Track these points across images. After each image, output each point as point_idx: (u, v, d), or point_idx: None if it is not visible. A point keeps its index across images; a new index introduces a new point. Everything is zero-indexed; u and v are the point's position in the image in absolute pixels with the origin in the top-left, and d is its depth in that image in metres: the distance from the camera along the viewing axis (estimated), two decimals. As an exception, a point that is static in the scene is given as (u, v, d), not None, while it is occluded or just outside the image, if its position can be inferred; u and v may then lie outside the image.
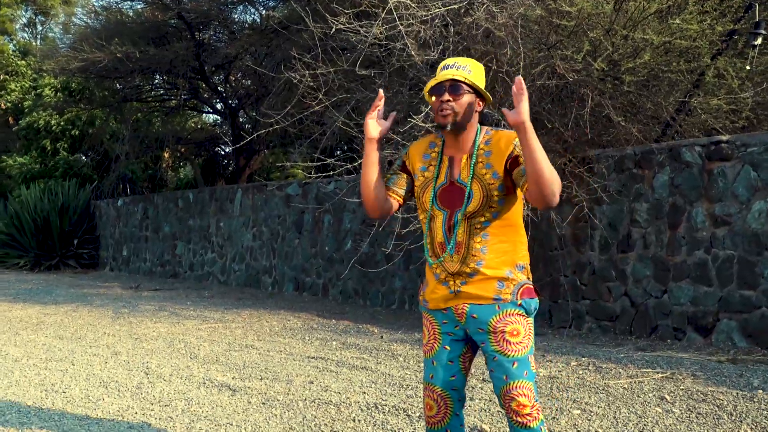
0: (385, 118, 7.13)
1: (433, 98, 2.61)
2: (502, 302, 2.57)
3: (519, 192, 2.62)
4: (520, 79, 2.44)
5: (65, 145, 19.01)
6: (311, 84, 7.87)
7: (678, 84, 7.13)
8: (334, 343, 6.95)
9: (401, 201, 2.75)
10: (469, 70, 2.60)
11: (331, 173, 7.93)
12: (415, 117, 6.64)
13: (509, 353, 2.55)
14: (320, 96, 7.69)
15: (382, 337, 7.27)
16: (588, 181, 7.26)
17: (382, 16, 6.84)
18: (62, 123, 18.66)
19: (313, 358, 6.18)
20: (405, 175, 2.74)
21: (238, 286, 12.83)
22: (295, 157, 11.90)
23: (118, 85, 17.28)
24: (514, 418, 2.54)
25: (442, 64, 2.66)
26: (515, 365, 2.55)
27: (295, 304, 10.10)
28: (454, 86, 2.59)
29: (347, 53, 8.33)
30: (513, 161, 2.55)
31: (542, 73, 6.82)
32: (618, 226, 7.18)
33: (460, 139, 2.62)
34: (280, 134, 13.48)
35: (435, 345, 2.69)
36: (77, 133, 18.90)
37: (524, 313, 2.59)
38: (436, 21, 7.01)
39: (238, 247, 13.10)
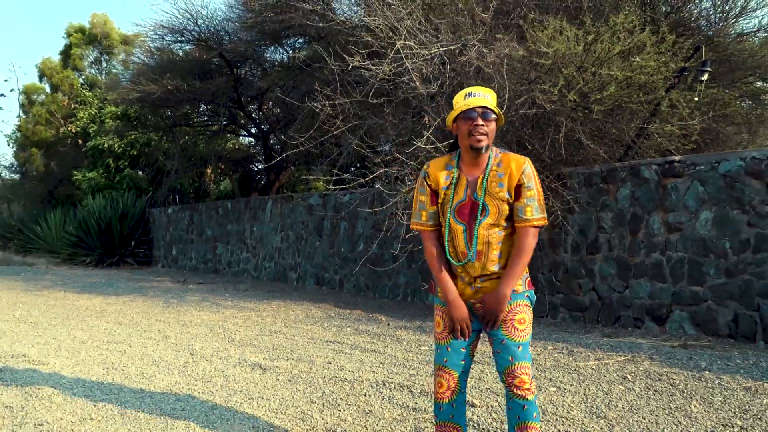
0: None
1: (461, 122, 2.52)
2: (515, 293, 2.56)
3: None
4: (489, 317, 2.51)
5: (126, 163, 19.09)
6: (330, 112, 7.88)
7: (638, 112, 7.10)
8: (348, 329, 6.94)
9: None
10: (490, 98, 2.56)
11: (347, 186, 7.93)
12: (417, 140, 6.62)
13: (516, 338, 2.55)
14: (338, 122, 7.70)
15: (388, 324, 7.26)
16: (562, 194, 7.23)
17: (391, 55, 6.85)
18: (122, 145, 18.73)
19: (330, 342, 6.17)
20: (434, 207, 2.64)
21: (268, 281, 12.83)
22: (316, 173, 11.91)
23: (169, 113, 17.36)
24: (515, 392, 2.54)
25: (464, 92, 2.57)
26: (520, 348, 2.56)
27: (315, 296, 10.09)
28: (485, 112, 2.52)
29: (360, 86, 8.35)
30: (518, 191, 2.54)
31: (524, 103, 6.81)
32: (587, 231, 7.15)
33: (478, 161, 2.56)
34: (304, 154, 13.49)
35: (450, 333, 2.65)
36: (135, 153, 18.98)
37: (529, 304, 2.60)
38: (435, 59, 7.01)
39: (268, 248, 13.10)
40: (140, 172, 19.73)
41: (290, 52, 14.26)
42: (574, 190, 7.23)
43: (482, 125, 2.50)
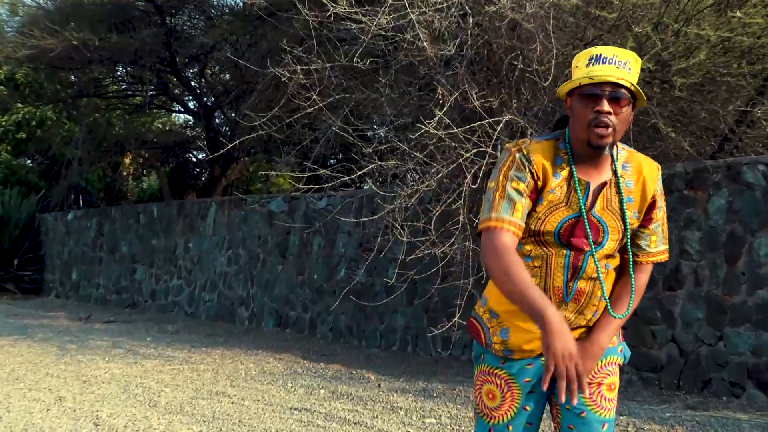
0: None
1: (577, 102, 2.32)
2: (608, 346, 2.47)
3: None
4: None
5: (8, 148, 19.01)
6: (302, 81, 7.86)
7: (739, 90, 7.11)
8: (322, 391, 6.88)
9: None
10: (630, 68, 2.31)
11: (324, 187, 7.91)
12: (426, 122, 6.61)
13: (601, 411, 2.45)
14: (313, 96, 7.68)
15: (379, 385, 7.21)
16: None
17: (389, 1, 6.84)
18: (4, 122, 18.66)
19: (296, 409, 6.11)
20: (530, 203, 2.40)
21: (209, 320, 12.76)
22: (280, 167, 11.89)
23: (72, 78, 17.28)
24: None
25: (592, 51, 2.34)
26: (605, 427, 2.45)
27: (276, 343, 10.03)
28: (616, 93, 2.28)
29: (346, 46, 8.33)
30: (650, 208, 2.44)
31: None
32: (665, 257, 7.13)
33: (598, 162, 2.38)
34: (264, 139, 13.46)
35: (512, 406, 2.47)
36: (23, 135, 18.90)
37: (622, 362, 2.53)
38: (453, 10, 7.01)
39: (209, 272, 13.05)
40: (28, 162, 19.66)
41: (247, -6, 14.27)
42: (646, 198, 7.22)
43: (609, 112, 2.27)
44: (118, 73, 17.33)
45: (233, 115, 15.86)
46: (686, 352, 6.93)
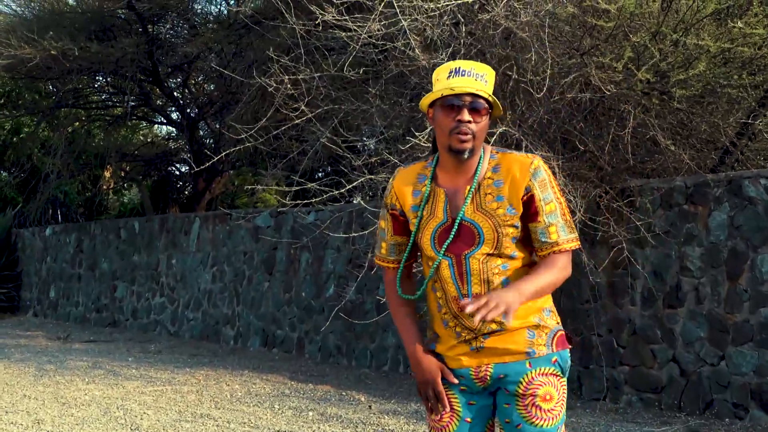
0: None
1: (439, 112, 2.54)
2: (535, 357, 2.55)
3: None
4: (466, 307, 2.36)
5: (-17, 159, 18.94)
6: (290, 91, 7.86)
7: (740, 101, 7.15)
8: (310, 413, 6.86)
9: (411, 263, 2.77)
10: (486, 80, 2.55)
11: (312, 201, 7.89)
12: (417, 134, 6.62)
13: (538, 422, 2.54)
14: (301, 106, 7.68)
15: (370, 407, 7.19)
16: (628, 218, 7.23)
17: (379, 9, 6.86)
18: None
19: (284, 432, 6.06)
20: (400, 238, 2.70)
21: (193, 339, 12.70)
22: (267, 180, 11.87)
23: (51, 88, 17.23)
24: None
25: (451, 65, 2.57)
26: None
27: (262, 363, 9.99)
28: (475, 105, 2.51)
29: (334, 55, 8.35)
30: (529, 206, 2.55)
31: (573, 84, 6.83)
32: (665, 274, 7.14)
33: (464, 166, 2.58)
34: (250, 152, 13.45)
35: (453, 417, 2.62)
36: (-1, 144, 18.83)
37: (559, 373, 2.58)
38: (445, 17, 7.04)
39: (193, 290, 13.00)
40: (4, 174, 19.57)
41: (232, 2, 14.30)
42: (645, 213, 7.24)
43: (469, 121, 2.49)
44: (98, 84, 17.30)
45: (218, 126, 15.85)
46: (687, 372, 6.92)
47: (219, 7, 15.17)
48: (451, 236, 2.56)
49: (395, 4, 6.82)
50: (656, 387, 7.12)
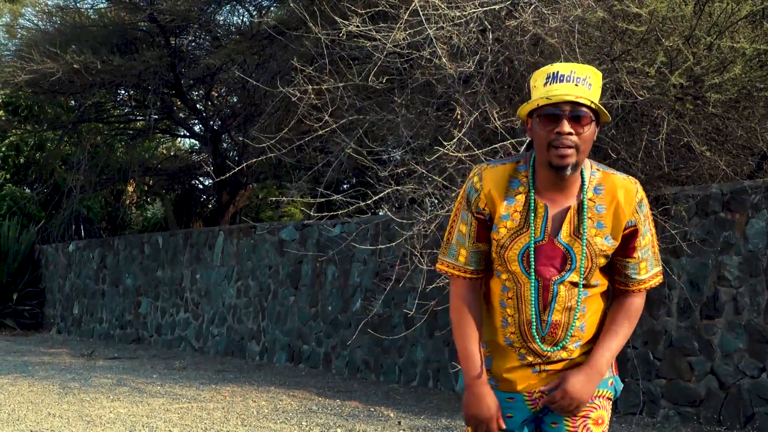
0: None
1: (537, 123, 2.37)
2: None
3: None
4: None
5: (6, 175, 19.15)
6: (314, 102, 7.88)
7: (777, 105, 7.08)
8: (338, 430, 6.84)
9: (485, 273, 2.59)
10: (590, 84, 2.35)
11: (337, 213, 7.89)
12: (445, 144, 6.61)
13: None
14: (325, 117, 7.70)
15: (399, 423, 7.17)
16: (663, 227, 7.18)
17: (404, 17, 6.86)
18: (3, 149, 18.82)
19: (312, 449, 6.08)
20: (482, 245, 2.50)
21: (218, 355, 12.73)
22: (291, 193, 11.89)
23: (73, 102, 17.42)
24: None
25: (549, 69, 2.39)
26: None
27: (289, 379, 9.99)
28: (575, 114, 2.32)
29: (359, 64, 8.36)
30: (630, 237, 2.43)
31: (605, 90, 6.79)
32: (701, 284, 7.08)
33: (563, 184, 2.39)
34: (274, 164, 13.51)
35: None
36: (22, 160, 19.04)
37: (611, 396, 2.54)
38: (472, 25, 7.03)
39: (218, 305, 13.04)
40: (28, 190, 19.78)
41: (254, 12, 14.39)
42: (681, 221, 7.18)
43: (570, 133, 2.31)
44: (121, 97, 17.45)
45: (241, 138, 15.93)
46: (727, 385, 6.84)
47: (241, 18, 15.25)
48: (545, 258, 2.41)
49: (420, 13, 6.83)
50: (694, 400, 7.05)
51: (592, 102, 2.32)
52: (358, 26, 7.11)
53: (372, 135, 8.70)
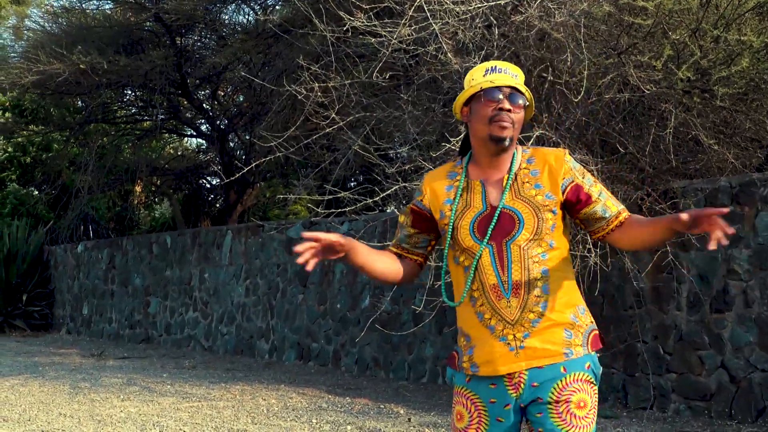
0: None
1: (478, 105, 2.66)
2: (572, 358, 2.58)
3: (565, 218, 2.72)
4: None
5: (14, 176, 19.20)
6: (320, 99, 7.89)
7: (785, 97, 7.06)
8: (348, 427, 6.85)
9: (423, 260, 2.83)
10: (519, 78, 2.70)
11: (345, 210, 7.90)
12: (452, 140, 6.61)
13: (572, 429, 2.56)
14: (332, 115, 7.70)
15: (409, 419, 7.17)
16: (672, 221, 7.16)
17: (410, 13, 6.86)
18: (9, 149, 18.86)
19: (322, 447, 6.09)
20: (416, 228, 2.79)
21: (227, 354, 12.75)
22: (299, 191, 11.91)
23: (80, 103, 17.47)
24: None
25: (486, 65, 2.72)
26: None
27: (298, 377, 10.00)
28: (513, 96, 2.65)
29: (365, 61, 8.37)
30: (575, 191, 2.65)
31: (611, 84, 6.78)
32: (711, 278, 7.06)
33: (498, 161, 2.69)
34: (281, 162, 13.52)
35: (480, 429, 2.63)
36: (29, 161, 19.09)
37: (593, 380, 2.61)
38: (477, 20, 7.02)
39: (226, 304, 13.06)
40: (36, 191, 19.84)
41: (260, 11, 14.38)
42: (689, 215, 7.16)
43: (509, 110, 2.62)
44: (127, 97, 17.49)
45: (248, 137, 15.97)
46: (737, 379, 6.83)
47: (247, 16, 15.25)
48: (493, 223, 2.62)
49: (426, 8, 6.82)
50: (705, 394, 7.03)
51: (527, 90, 2.67)
52: (363, 23, 7.11)
53: (379, 132, 8.70)
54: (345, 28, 7.31)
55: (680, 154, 7.20)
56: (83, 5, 15.51)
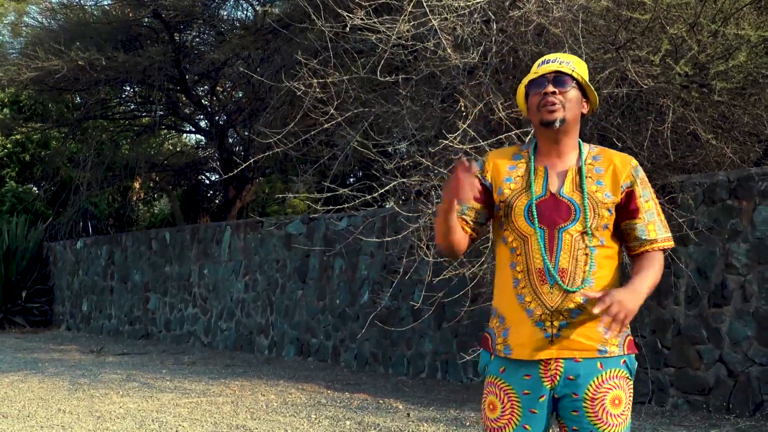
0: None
1: (530, 98, 2.71)
2: (607, 356, 2.57)
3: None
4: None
5: (13, 173, 19.20)
6: (319, 95, 7.89)
7: (783, 92, 7.06)
8: (348, 422, 6.86)
9: (476, 235, 2.78)
10: (573, 66, 2.71)
11: (344, 206, 7.91)
12: (450, 135, 6.61)
13: (607, 428, 2.56)
14: (330, 110, 7.71)
15: (408, 415, 7.18)
16: (670, 216, 7.17)
17: (408, 9, 6.86)
18: (9, 146, 18.86)
19: (321, 442, 6.10)
20: (478, 205, 2.75)
21: (227, 350, 12.76)
22: (297, 187, 11.92)
23: (78, 99, 17.47)
24: None
25: (541, 59, 2.77)
26: None
27: (297, 373, 10.01)
28: (558, 78, 2.68)
29: (363, 57, 8.36)
30: (628, 197, 2.66)
31: (609, 79, 6.79)
32: (709, 272, 7.07)
33: (561, 147, 2.70)
34: (280, 158, 13.52)
35: (512, 420, 2.61)
36: (27, 157, 19.09)
37: (628, 375, 2.61)
38: (476, 16, 7.03)
39: (226, 300, 13.07)
40: (35, 188, 19.85)
41: (258, 7, 14.39)
42: (688, 210, 7.18)
43: (553, 93, 2.66)
44: (126, 94, 17.49)
45: (247, 133, 15.97)
46: (735, 373, 6.84)
47: (245, 12, 15.25)
48: (550, 209, 2.63)
49: (424, 4, 6.82)
50: (703, 389, 7.05)
51: (573, 71, 2.69)
52: (361, 19, 7.11)
53: (377, 128, 8.70)
54: (343, 24, 7.31)
55: (678, 149, 7.20)
56: (81, 1, 15.50)
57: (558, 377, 2.56)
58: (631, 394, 2.61)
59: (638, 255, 2.66)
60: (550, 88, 2.65)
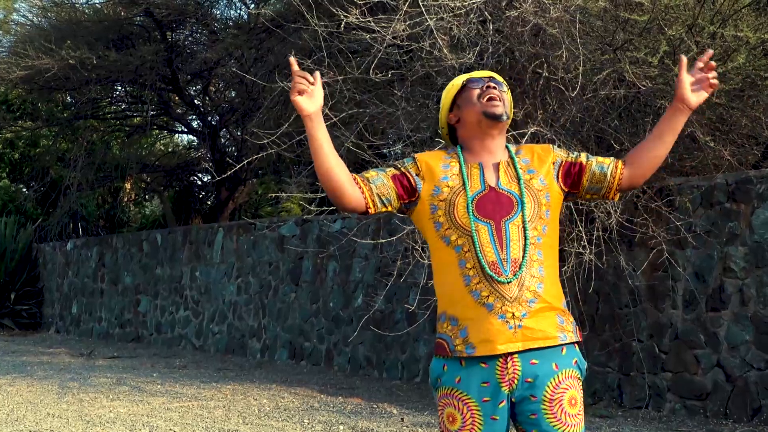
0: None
1: (464, 95, 2.78)
2: (563, 350, 2.62)
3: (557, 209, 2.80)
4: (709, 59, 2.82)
5: (2, 173, 19.17)
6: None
7: (782, 94, 7.08)
8: (341, 427, 6.86)
9: (372, 205, 2.75)
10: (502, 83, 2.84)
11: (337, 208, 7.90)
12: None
13: (567, 429, 2.58)
14: (324, 111, 7.69)
15: (402, 419, 7.18)
16: (668, 219, 7.19)
17: (404, 9, 6.87)
18: (-1, 145, 18.85)
19: (314, 447, 6.09)
20: (395, 185, 2.75)
21: (218, 353, 12.75)
22: (291, 188, 11.92)
23: (69, 99, 17.43)
24: None
25: (465, 77, 2.84)
26: None
27: (290, 377, 10.01)
28: (494, 80, 2.78)
29: (358, 57, 8.36)
30: (566, 169, 2.78)
31: (607, 80, 6.80)
32: (707, 276, 7.09)
33: (495, 144, 2.77)
34: (273, 159, 13.51)
35: (474, 429, 2.62)
36: (17, 156, 19.05)
37: (579, 375, 2.66)
38: (472, 16, 7.03)
39: (218, 302, 13.06)
40: (24, 188, 19.81)
41: (251, 6, 14.38)
42: (685, 213, 7.19)
43: (494, 87, 2.74)
44: (117, 93, 17.46)
45: (240, 134, 15.95)
46: (733, 378, 6.85)
47: (239, 11, 15.24)
48: (492, 202, 2.67)
49: (420, 4, 6.82)
50: (701, 393, 7.06)
51: (505, 82, 2.80)
52: (356, 18, 7.10)
53: (372, 128, 8.69)
54: (338, 24, 7.30)
55: (676, 151, 7.21)
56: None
57: (516, 381, 2.58)
58: (582, 395, 2.65)
59: (623, 171, 2.79)
60: (492, 84, 2.75)
